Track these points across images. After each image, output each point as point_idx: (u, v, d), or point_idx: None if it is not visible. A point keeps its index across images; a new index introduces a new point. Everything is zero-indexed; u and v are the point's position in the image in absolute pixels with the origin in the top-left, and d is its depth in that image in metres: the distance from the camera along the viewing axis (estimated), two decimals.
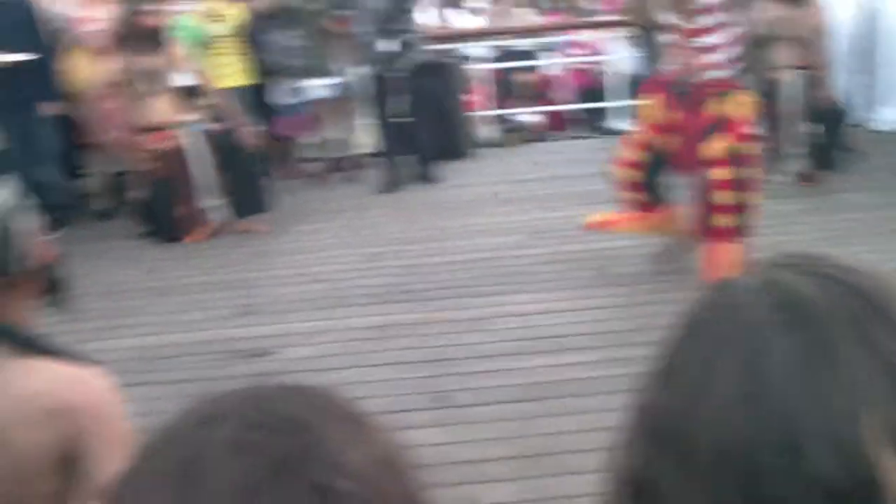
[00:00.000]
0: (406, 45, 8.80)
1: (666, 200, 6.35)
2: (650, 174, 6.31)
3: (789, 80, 8.14)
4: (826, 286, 0.88)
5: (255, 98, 9.31)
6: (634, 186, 6.40)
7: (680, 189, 6.24)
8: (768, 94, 8.22)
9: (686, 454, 0.86)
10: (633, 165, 6.36)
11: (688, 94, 5.99)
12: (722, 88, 5.86)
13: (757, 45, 8.43)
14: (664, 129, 6.17)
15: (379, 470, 0.85)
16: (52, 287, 2.39)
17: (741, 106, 5.86)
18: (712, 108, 5.86)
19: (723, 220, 5.78)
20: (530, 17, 13.43)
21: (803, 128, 8.19)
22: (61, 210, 7.83)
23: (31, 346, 2.24)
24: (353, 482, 0.82)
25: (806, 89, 8.12)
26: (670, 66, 6.10)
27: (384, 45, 8.70)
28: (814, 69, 8.13)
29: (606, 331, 5.64)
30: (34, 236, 2.33)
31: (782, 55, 8.13)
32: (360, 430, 0.89)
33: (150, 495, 0.83)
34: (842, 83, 9.46)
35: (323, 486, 0.81)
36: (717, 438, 0.84)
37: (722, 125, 5.80)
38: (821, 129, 8.13)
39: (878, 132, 9.83)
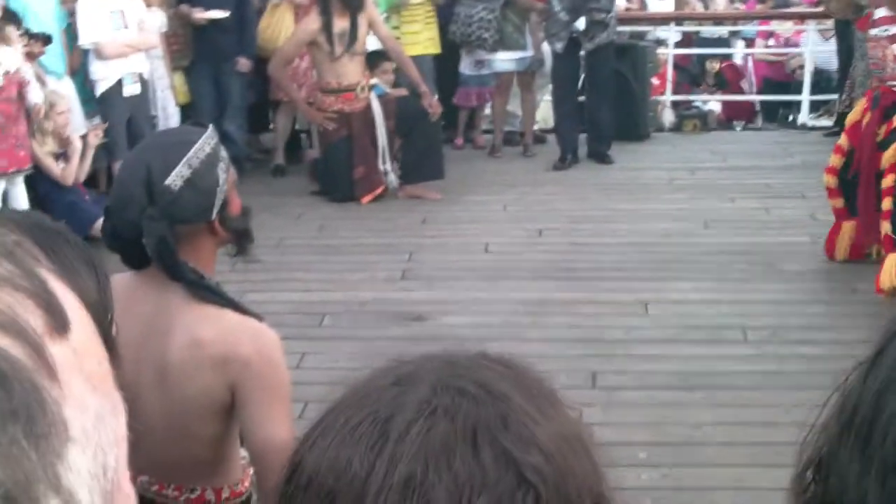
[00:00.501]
0: (599, 24, 8.73)
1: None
2: (846, 180, 6.14)
3: None
4: None
5: (441, 67, 9.40)
6: (831, 192, 6.25)
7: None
8: None
9: (869, 444, 0.84)
10: (832, 171, 6.21)
11: (880, 98, 5.78)
12: None
13: None
14: (855, 132, 6.00)
15: (565, 447, 0.86)
16: (239, 237, 2.49)
17: None
18: None
19: (887, 227, 5.57)
20: (723, 4, 13.15)
21: None
22: (240, 163, 8.10)
23: (210, 293, 2.34)
24: (542, 457, 0.83)
25: None
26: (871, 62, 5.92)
27: (578, 22, 8.65)
28: None
29: (764, 326, 5.52)
30: (231, 186, 2.44)
31: None
32: (550, 405, 0.90)
33: (344, 450, 0.85)
34: None
35: (515, 457, 0.82)
36: None
37: None
38: None
39: None
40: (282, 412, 2.29)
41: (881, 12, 5.68)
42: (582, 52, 8.89)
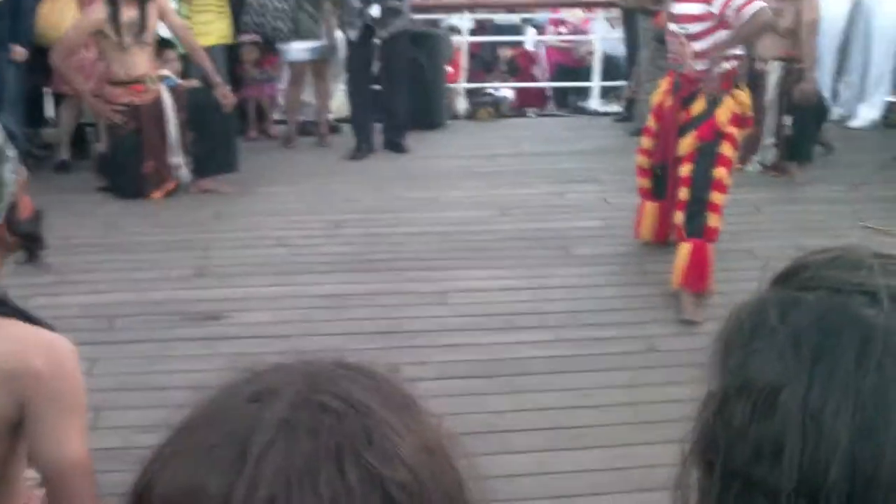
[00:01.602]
0: (393, 11, 8.70)
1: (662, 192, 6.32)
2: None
3: (775, 72, 8.08)
4: None
5: (233, 57, 9.21)
6: (641, 172, 6.40)
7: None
8: (753, 84, 8.18)
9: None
10: (644, 152, 6.36)
11: (680, 87, 5.92)
12: (712, 88, 5.75)
13: None
14: (660, 113, 6.16)
15: (430, 460, 0.83)
16: (29, 242, 2.31)
17: (730, 107, 5.74)
18: (698, 107, 5.77)
19: (679, 217, 5.73)
20: None
21: (782, 119, 8.15)
22: (21, 160, 7.69)
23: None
24: (407, 473, 0.80)
25: (790, 82, 8.06)
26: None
27: (372, 9, 8.59)
28: (800, 63, 8.05)
29: (563, 311, 5.61)
30: (20, 187, 2.25)
31: (771, 46, 8.06)
32: (412, 415, 0.86)
33: (199, 472, 0.79)
34: (826, 79, 9.46)
35: (380, 475, 0.79)
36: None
37: (700, 123, 5.72)
38: (800, 121, 8.08)
39: (853, 129, 9.83)
40: (77, 428, 2.16)
41: (680, 8, 5.81)
42: (377, 41, 8.83)
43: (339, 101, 10.04)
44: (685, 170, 5.72)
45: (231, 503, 0.76)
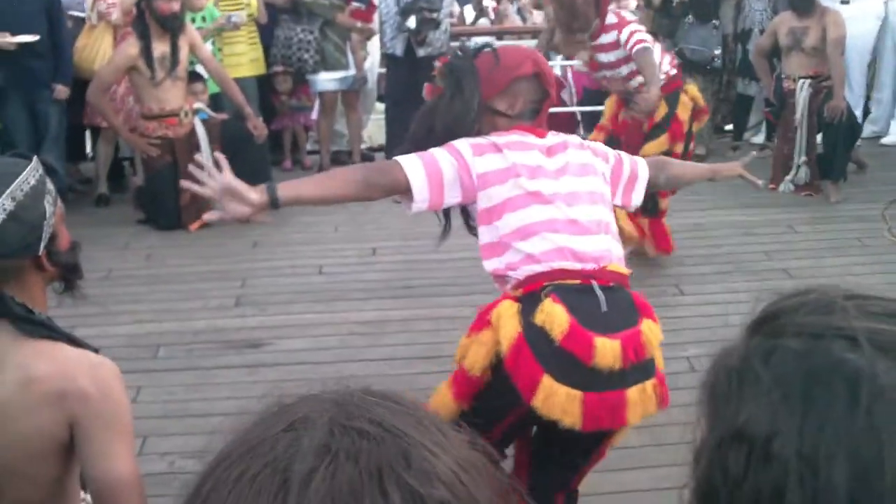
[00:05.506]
0: (430, 23, 8.63)
1: None
2: None
3: (803, 90, 8.06)
4: None
5: (265, 89, 9.32)
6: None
7: None
8: (782, 102, 8.18)
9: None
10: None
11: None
12: (667, 90, 6.10)
13: (774, 55, 8.39)
14: (615, 119, 6.43)
15: (466, 476, 0.85)
16: (67, 272, 2.38)
17: (687, 103, 6.26)
18: (659, 112, 6.13)
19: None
20: (540, 18, 13.39)
21: (814, 138, 8.13)
22: (63, 194, 7.77)
23: (42, 328, 2.24)
24: (447, 491, 0.82)
25: (819, 100, 8.04)
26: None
27: (409, 21, 8.57)
28: (828, 81, 8.02)
29: None
30: (59, 219, 2.33)
31: (797, 65, 8.07)
32: (444, 435, 0.88)
33: (244, 503, 0.81)
34: (855, 97, 9.44)
35: (421, 494, 0.80)
36: None
37: (664, 126, 6.08)
38: (831, 139, 8.06)
39: (887, 145, 9.80)
40: (124, 447, 2.22)
41: (607, 57, 6.09)
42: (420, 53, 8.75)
43: (371, 130, 10.09)
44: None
45: None
